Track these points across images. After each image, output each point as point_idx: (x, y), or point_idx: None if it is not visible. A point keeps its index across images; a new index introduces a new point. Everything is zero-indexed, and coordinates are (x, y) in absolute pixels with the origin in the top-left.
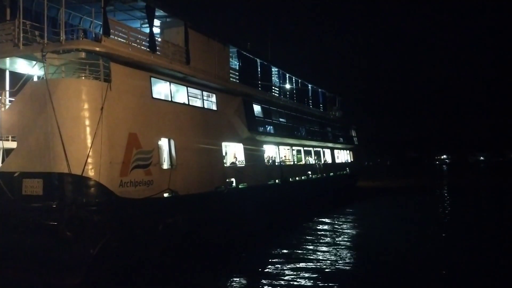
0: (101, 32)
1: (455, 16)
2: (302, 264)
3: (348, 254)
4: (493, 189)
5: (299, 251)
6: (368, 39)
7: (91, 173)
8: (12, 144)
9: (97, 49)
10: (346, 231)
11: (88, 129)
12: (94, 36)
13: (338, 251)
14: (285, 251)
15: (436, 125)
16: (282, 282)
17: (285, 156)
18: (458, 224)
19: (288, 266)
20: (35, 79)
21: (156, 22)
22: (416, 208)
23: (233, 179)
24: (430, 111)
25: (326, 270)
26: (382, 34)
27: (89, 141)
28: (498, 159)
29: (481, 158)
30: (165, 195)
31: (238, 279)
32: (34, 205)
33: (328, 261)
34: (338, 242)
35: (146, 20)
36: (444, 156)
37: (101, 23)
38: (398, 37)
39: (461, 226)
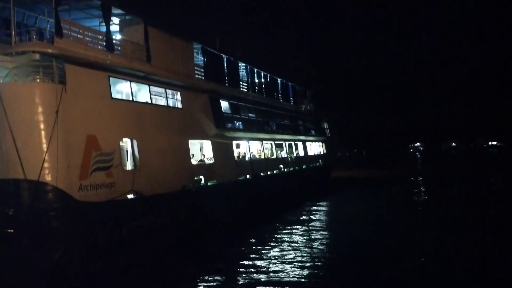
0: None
1: (425, 7)
2: (275, 261)
3: (322, 248)
4: (465, 177)
5: (271, 247)
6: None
7: (47, 178)
8: None
9: (50, 50)
10: (319, 224)
11: (43, 133)
12: (49, 36)
13: (312, 246)
14: (257, 247)
15: (409, 114)
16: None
17: (258, 151)
18: (430, 213)
19: (261, 264)
20: None
21: (116, 20)
22: (388, 199)
23: (201, 177)
24: (402, 100)
25: (300, 265)
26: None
27: (44, 145)
28: (469, 145)
29: (453, 144)
30: (129, 196)
31: (210, 278)
32: None
33: (303, 256)
34: (312, 237)
35: None
36: (418, 144)
37: None
38: (370, 28)
39: (433, 215)
